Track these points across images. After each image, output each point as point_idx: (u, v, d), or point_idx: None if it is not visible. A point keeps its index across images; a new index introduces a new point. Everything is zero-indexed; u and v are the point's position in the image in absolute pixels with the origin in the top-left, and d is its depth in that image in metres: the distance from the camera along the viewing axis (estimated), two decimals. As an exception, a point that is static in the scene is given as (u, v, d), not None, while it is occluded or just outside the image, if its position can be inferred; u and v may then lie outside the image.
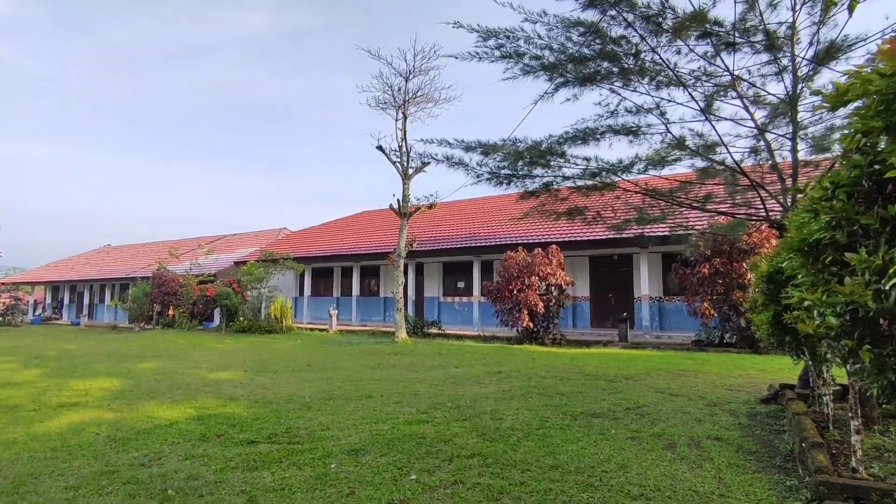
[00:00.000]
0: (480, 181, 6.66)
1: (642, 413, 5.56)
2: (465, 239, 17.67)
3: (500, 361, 9.80)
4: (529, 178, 6.27)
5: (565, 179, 6.12)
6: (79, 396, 6.93)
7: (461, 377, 8.07)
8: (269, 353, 12.02)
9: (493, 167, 6.40)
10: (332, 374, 8.74)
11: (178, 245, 28.56)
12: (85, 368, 9.79)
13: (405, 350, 12.03)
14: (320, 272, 23.42)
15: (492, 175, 6.37)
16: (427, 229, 19.91)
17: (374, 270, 21.97)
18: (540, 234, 16.18)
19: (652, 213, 6.83)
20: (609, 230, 6.84)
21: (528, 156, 6.17)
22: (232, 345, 14.31)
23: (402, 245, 13.84)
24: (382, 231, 22.05)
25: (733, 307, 10.60)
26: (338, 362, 10.25)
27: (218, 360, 10.97)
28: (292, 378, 8.33)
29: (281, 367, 9.55)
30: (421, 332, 15.97)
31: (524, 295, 12.73)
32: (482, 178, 6.61)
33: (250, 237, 29.39)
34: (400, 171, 14.01)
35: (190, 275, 21.20)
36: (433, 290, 20.28)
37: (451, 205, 23.68)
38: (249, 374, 8.76)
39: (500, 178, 6.37)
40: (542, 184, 6.26)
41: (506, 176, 6.25)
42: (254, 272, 18.70)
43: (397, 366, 9.68)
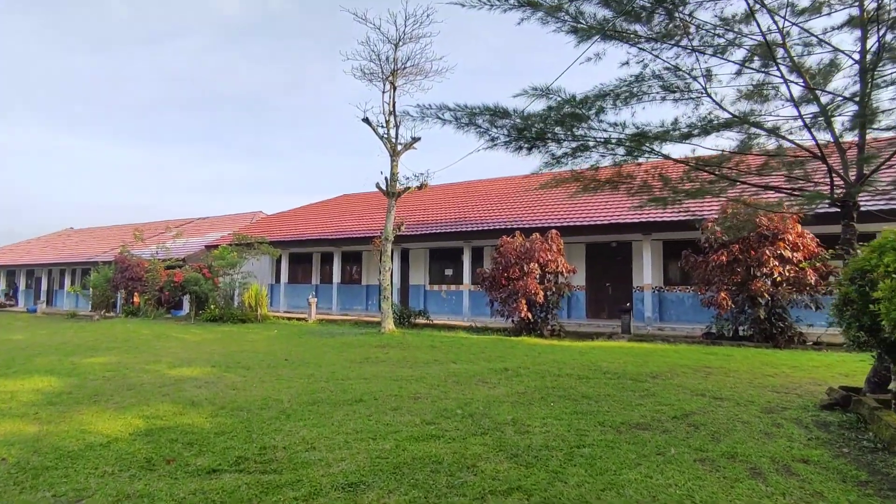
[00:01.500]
0: (496, 145, 5.58)
1: (694, 424, 4.62)
2: (455, 223, 16.59)
3: (502, 356, 8.81)
4: (556, 143, 5.24)
5: (601, 145, 5.10)
6: (0, 402, 5.66)
7: (463, 375, 7.05)
8: (241, 345, 10.80)
9: (512, 127, 5.32)
10: (313, 370, 7.62)
11: (144, 228, 26.75)
12: (23, 363, 8.45)
13: (394, 342, 10.95)
14: (298, 258, 22.08)
15: (511, 137, 5.30)
16: (413, 213, 18.76)
17: (357, 256, 20.75)
18: (536, 218, 15.21)
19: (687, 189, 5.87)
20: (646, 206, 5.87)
21: (556, 116, 5.13)
22: (200, 335, 13.01)
23: (389, 228, 12.70)
24: (365, 215, 20.81)
25: (751, 298, 9.80)
26: (320, 356, 9.12)
27: (182, 353, 9.71)
28: (267, 375, 7.19)
29: (254, 362, 8.38)
30: (408, 323, 14.91)
31: (522, 283, 11.76)
32: (498, 141, 5.53)
33: (223, 221, 27.74)
34: (388, 146, 12.81)
35: (156, 259, 19.63)
36: (419, 277, 19.19)
37: (438, 188, 22.52)
38: (217, 371, 7.57)
39: (520, 142, 5.31)
40: (571, 148, 5.24)
41: (529, 138, 5.19)
42: (226, 256, 17.30)
43: (387, 360, 8.61)
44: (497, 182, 21.38)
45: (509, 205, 17.39)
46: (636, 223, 12.92)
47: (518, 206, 16.93)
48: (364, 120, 12.53)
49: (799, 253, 9.50)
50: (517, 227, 13.96)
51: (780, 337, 9.64)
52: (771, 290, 9.46)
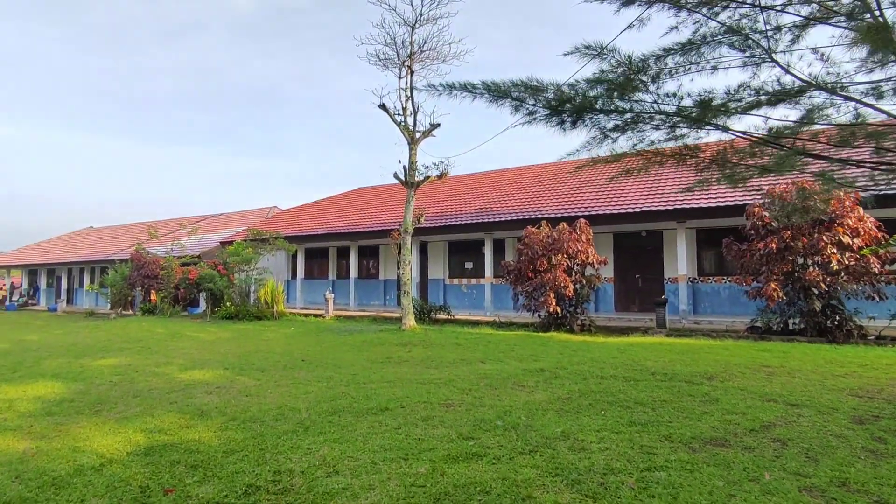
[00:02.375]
0: (535, 120, 4.90)
1: (779, 438, 3.93)
2: (476, 214, 15.93)
3: (534, 354, 8.17)
4: (605, 114, 4.56)
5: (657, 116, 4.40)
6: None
7: (496, 377, 6.43)
8: (257, 345, 10.32)
9: (554, 98, 4.65)
10: (332, 372, 7.07)
11: (159, 226, 26.58)
12: (31, 367, 8.06)
13: (416, 339, 10.37)
14: (314, 253, 21.64)
15: (552, 109, 4.63)
16: (432, 205, 18.13)
17: (374, 251, 20.22)
18: (562, 208, 14.48)
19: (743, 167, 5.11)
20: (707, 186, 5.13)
21: (611, 80, 4.43)
22: (216, 334, 12.60)
23: (409, 219, 12.09)
24: (382, 208, 20.25)
25: (804, 288, 8.99)
26: (338, 356, 8.58)
27: (196, 353, 9.26)
28: (283, 379, 6.65)
29: (270, 364, 7.86)
30: (428, 318, 14.33)
31: (551, 275, 11.07)
32: (537, 115, 4.85)
33: (238, 217, 27.46)
34: (405, 134, 12.18)
35: (171, 256, 19.34)
36: (438, 271, 18.60)
37: (457, 180, 21.87)
38: (230, 374, 7.07)
39: (562, 115, 4.64)
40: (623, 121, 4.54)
41: (573, 110, 4.52)
42: (241, 252, 16.90)
43: (411, 360, 8.03)
44: (519, 171, 20.64)
45: (533, 195, 16.66)
46: (670, 210, 12.13)
47: (542, 196, 16.20)
48: (381, 106, 11.92)
49: (859, 238, 8.66)
50: (543, 216, 13.25)
51: (836, 331, 8.83)
52: (827, 279, 8.64)
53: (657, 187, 13.92)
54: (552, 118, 4.78)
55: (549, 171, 19.39)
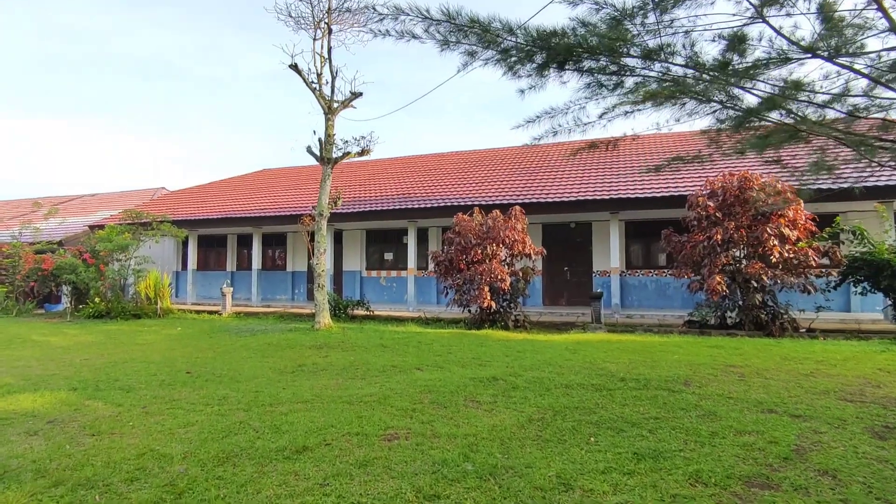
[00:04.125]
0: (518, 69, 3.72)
1: (825, 470, 3.11)
2: (398, 200, 14.55)
3: (477, 358, 7.04)
4: (609, 57, 3.47)
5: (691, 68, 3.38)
6: None
7: (441, 390, 5.19)
8: (128, 352, 8.19)
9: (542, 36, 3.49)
10: (227, 390, 5.41)
11: (4, 206, 22.02)
12: None
13: (333, 341, 8.84)
14: (209, 241, 18.95)
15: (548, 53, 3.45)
16: (348, 190, 16.43)
17: (280, 239, 18.07)
18: (492, 195, 13.56)
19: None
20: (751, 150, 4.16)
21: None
22: (74, 337, 10.08)
23: (324, 201, 10.42)
24: (290, 191, 18.15)
25: (745, 281, 8.76)
26: (236, 366, 6.85)
27: (36, 366, 7.02)
28: (156, 402, 4.90)
29: (140, 379, 5.98)
30: (344, 315, 12.75)
31: (486, 267, 10.05)
32: (519, 57, 3.66)
33: (116, 197, 23.57)
34: (322, 102, 10.47)
35: (19, 242, 15.76)
36: (354, 262, 16.96)
37: (376, 163, 20.29)
38: (78, 397, 5.14)
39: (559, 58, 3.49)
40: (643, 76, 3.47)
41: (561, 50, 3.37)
42: (114, 238, 14.03)
43: (330, 369, 6.55)
44: (445, 157, 19.51)
45: (460, 180, 15.61)
46: (606, 200, 11.66)
47: (470, 182, 15.20)
48: (292, 67, 10.08)
49: (796, 231, 8.57)
50: (474, 203, 12.23)
51: (772, 325, 8.70)
52: (768, 272, 8.45)
53: (588, 176, 13.48)
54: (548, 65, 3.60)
55: (478, 157, 18.49)
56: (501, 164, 16.76)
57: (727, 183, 9.00)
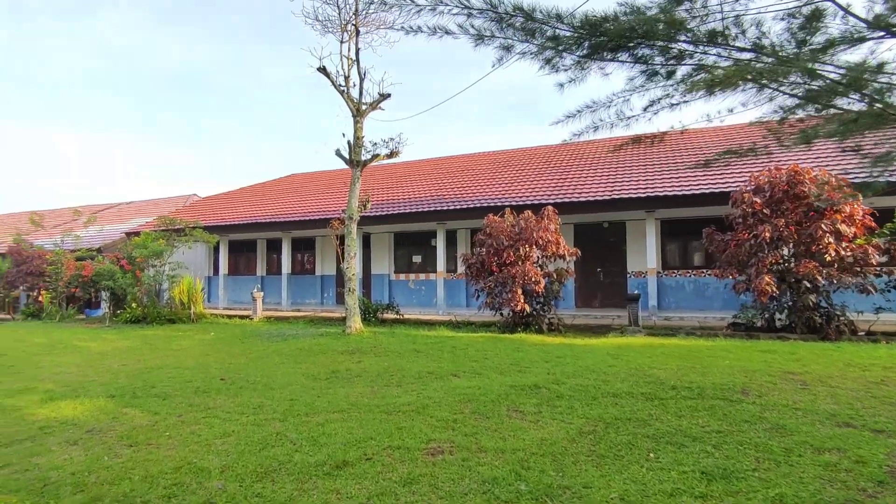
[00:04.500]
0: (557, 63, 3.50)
1: (926, 494, 2.76)
2: (427, 202, 14.40)
3: (515, 364, 6.79)
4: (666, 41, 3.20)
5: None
6: None
7: (481, 399, 4.97)
8: (163, 357, 8.23)
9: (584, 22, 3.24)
10: (262, 397, 5.31)
11: (48, 215, 22.77)
12: None
13: (365, 346, 8.71)
14: (240, 246, 19.18)
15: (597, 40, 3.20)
16: (376, 193, 16.38)
17: (309, 243, 18.15)
18: (522, 195, 13.28)
19: None
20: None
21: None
22: (112, 343, 10.23)
23: (354, 204, 10.33)
24: (318, 195, 18.22)
25: (797, 281, 8.26)
26: (270, 372, 6.77)
27: (76, 372, 7.08)
28: (192, 411, 4.82)
29: (176, 386, 5.94)
30: (374, 319, 12.65)
31: (519, 269, 9.79)
32: (567, 45, 3.43)
33: (150, 205, 24.16)
34: (350, 104, 10.39)
35: (62, 250, 16.22)
36: (383, 266, 16.89)
37: (403, 166, 20.24)
38: (115, 406, 5.11)
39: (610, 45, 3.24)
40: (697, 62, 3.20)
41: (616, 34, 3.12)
42: (149, 244, 14.30)
43: (364, 375, 6.40)
44: (474, 158, 19.31)
45: (489, 181, 15.37)
46: (642, 198, 11.25)
47: (500, 183, 14.94)
48: (321, 70, 10.04)
49: (853, 227, 8.03)
50: (505, 204, 11.98)
51: (828, 328, 8.18)
52: (823, 272, 7.94)
53: (622, 174, 13.07)
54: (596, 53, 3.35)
55: (506, 157, 18.24)
56: (531, 163, 16.46)
57: (774, 178, 8.53)
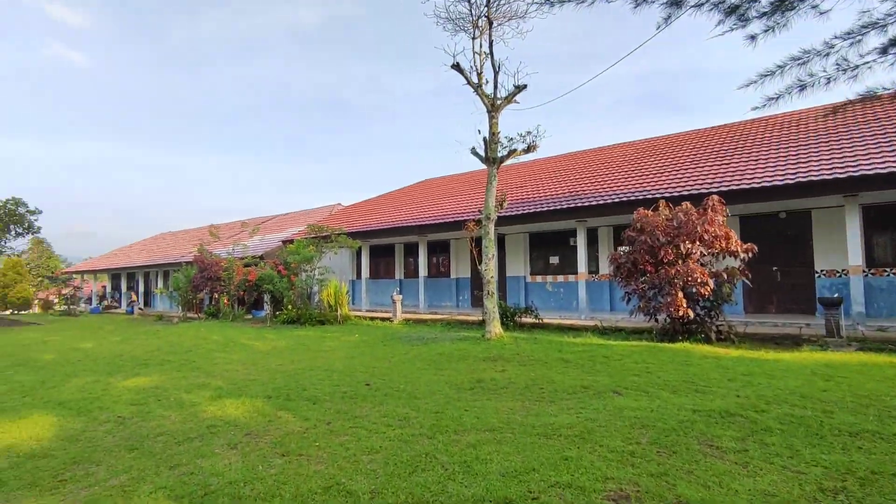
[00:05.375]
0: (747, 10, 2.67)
1: None
2: (565, 199, 13.48)
3: (688, 380, 5.72)
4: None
5: None
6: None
7: (659, 426, 4.11)
8: (314, 359, 8.56)
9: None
10: (407, 408, 5.04)
11: (222, 228, 26.14)
12: (50, 388, 6.67)
13: (507, 353, 8.19)
14: (379, 250, 20.02)
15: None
16: (508, 192, 15.85)
17: (444, 246, 18.26)
18: (674, 185, 11.73)
19: None
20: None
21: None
22: (272, 342, 11.07)
23: (491, 203, 9.90)
24: (451, 199, 18.24)
25: None
26: (412, 378, 6.56)
27: (241, 370, 7.60)
28: (340, 419, 4.70)
29: (325, 390, 5.97)
30: (512, 323, 12.08)
31: (680, 268, 8.50)
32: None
33: (301, 216, 26.52)
34: (484, 100, 10.00)
35: (233, 258, 18.37)
36: (518, 267, 16.30)
37: (537, 163, 19.51)
38: (271, 408, 5.22)
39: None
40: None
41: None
42: (301, 251, 15.47)
43: (510, 387, 5.85)
44: (611, 150, 17.91)
45: (633, 173, 13.96)
46: (841, 180, 9.14)
47: (645, 174, 13.47)
48: (454, 67, 9.80)
49: None
50: (656, 196, 10.63)
51: None
52: None
53: (808, 153, 10.87)
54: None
55: (648, 146, 16.57)
56: (681, 150, 14.64)
57: None
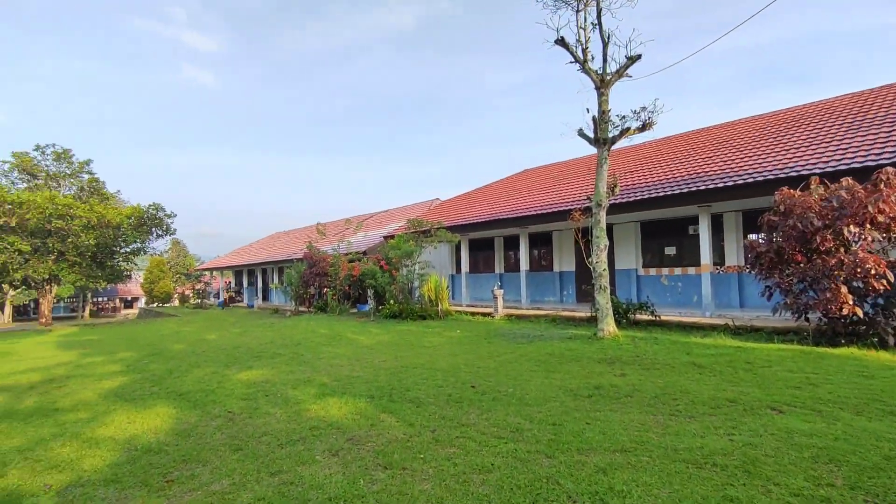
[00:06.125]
0: None
1: None
2: (683, 182, 12.03)
3: (877, 398, 4.53)
4: None
5: None
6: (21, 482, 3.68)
7: (852, 460, 3.16)
8: (417, 355, 8.32)
9: None
10: (518, 416, 4.50)
11: (328, 226, 27.38)
12: (174, 379, 7.07)
13: (625, 354, 7.31)
14: (479, 244, 19.62)
15: None
16: (616, 176, 14.58)
17: (546, 238, 17.39)
18: (823, 160, 9.88)
19: None
20: None
21: None
22: (376, 336, 11.10)
23: (602, 188, 8.97)
24: (552, 188, 17.30)
25: None
26: (521, 380, 6.00)
27: (346, 366, 7.55)
28: (444, 426, 4.28)
29: (429, 391, 5.62)
30: (625, 320, 11.01)
31: (845, 258, 7.01)
32: None
33: (401, 211, 26.97)
34: (592, 76, 9.08)
35: (339, 254, 19.04)
36: (628, 259, 14.99)
37: (641, 147, 17.91)
38: (374, 409, 4.95)
39: None
40: None
41: None
42: (402, 246, 15.53)
43: (636, 396, 5.07)
44: (736, 126, 15.85)
45: (766, 150, 12.10)
46: None
47: (785, 149, 11.59)
48: (559, 42, 8.99)
49: None
50: (804, 173, 9.00)
51: None
52: None
53: None
54: None
55: (780, 119, 14.39)
56: (830, 119, 12.42)
57: None
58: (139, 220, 27.65)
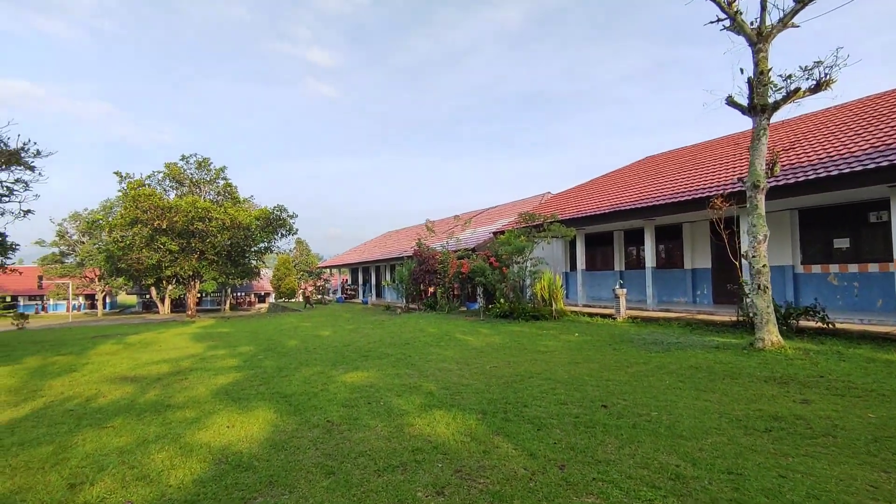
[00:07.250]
0: None
1: None
2: (869, 156, 9.64)
3: None
4: None
5: None
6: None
7: None
8: (532, 361, 7.42)
9: None
10: (671, 454, 3.44)
11: (437, 223, 27.29)
12: (282, 378, 6.93)
13: (800, 372, 5.75)
14: (595, 239, 18.04)
15: None
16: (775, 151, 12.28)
17: (674, 231, 15.41)
18: None
19: None
20: None
21: None
22: (486, 338, 10.37)
23: (759, 166, 7.30)
24: (680, 175, 15.24)
25: None
26: (667, 401, 4.85)
27: (455, 370, 6.90)
28: (576, 460, 3.38)
29: (550, 410, 4.72)
30: (786, 327, 9.05)
31: None
32: None
33: (511, 207, 26.02)
34: (746, 29, 7.43)
35: (448, 251, 18.67)
36: (782, 254, 12.63)
37: (794, 121, 15.12)
38: (487, 429, 4.18)
39: None
40: None
41: None
42: (512, 241, 14.63)
43: (839, 434, 3.72)
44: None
45: None
46: None
47: None
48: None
49: None
50: None
51: None
52: None
53: None
54: None
55: None
56: None
57: None
58: (266, 221, 29.92)
